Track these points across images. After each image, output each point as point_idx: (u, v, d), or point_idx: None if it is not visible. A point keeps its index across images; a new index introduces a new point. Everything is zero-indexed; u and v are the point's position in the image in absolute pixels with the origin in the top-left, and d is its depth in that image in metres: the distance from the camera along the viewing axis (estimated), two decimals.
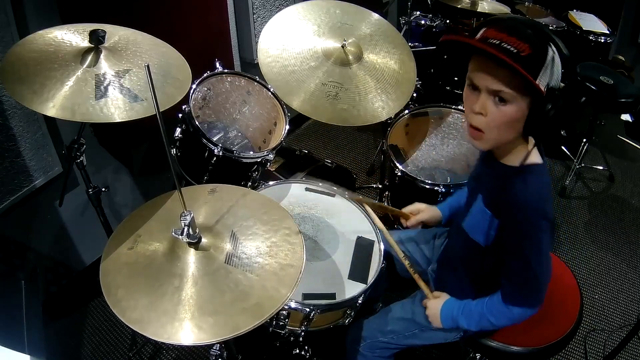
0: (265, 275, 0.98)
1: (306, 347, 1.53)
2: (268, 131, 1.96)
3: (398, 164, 1.85)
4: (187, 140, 1.70)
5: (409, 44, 2.07)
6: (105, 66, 1.25)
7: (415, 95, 2.16)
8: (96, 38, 1.25)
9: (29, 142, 1.67)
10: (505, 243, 1.14)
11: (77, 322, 2.03)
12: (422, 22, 3.03)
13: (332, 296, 1.35)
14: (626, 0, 3.60)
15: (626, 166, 3.18)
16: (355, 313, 1.41)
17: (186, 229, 0.96)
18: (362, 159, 3.05)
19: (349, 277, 1.41)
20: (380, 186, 2.52)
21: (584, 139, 2.93)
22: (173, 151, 1.73)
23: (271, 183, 1.68)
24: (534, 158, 1.11)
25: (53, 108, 1.13)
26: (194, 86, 1.69)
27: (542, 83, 0.97)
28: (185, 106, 1.63)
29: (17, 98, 1.13)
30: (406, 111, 2.03)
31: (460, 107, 2.06)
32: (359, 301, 1.37)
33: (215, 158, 1.62)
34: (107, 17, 1.39)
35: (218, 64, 1.80)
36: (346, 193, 1.59)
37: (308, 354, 1.53)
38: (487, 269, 1.25)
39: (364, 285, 1.38)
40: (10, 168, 1.64)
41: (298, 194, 1.66)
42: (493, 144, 1.08)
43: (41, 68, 1.19)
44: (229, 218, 1.09)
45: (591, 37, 3.08)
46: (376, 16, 1.82)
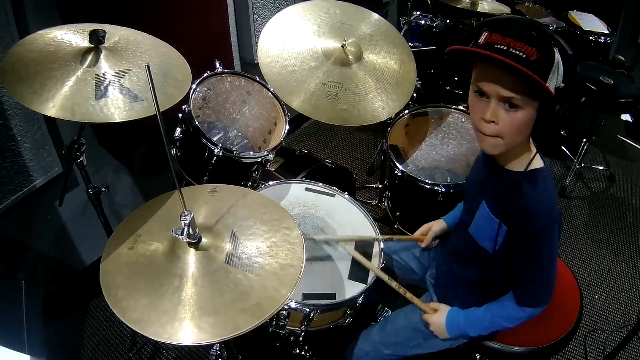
0: (265, 275, 0.98)
1: (306, 347, 1.53)
2: (268, 131, 1.96)
3: (398, 164, 1.85)
4: (187, 140, 1.70)
5: (409, 44, 2.07)
6: (105, 66, 1.25)
7: (415, 95, 2.16)
8: (96, 38, 1.25)
9: (29, 142, 1.67)
10: (516, 248, 1.13)
11: (77, 322, 2.03)
12: (422, 22, 3.04)
13: (332, 296, 1.35)
14: (626, 0, 3.60)
15: (626, 166, 3.18)
16: (355, 313, 1.41)
17: (186, 229, 0.96)
18: (362, 159, 3.05)
19: (349, 277, 1.41)
20: (380, 186, 2.52)
21: (584, 139, 2.93)
22: (173, 151, 1.73)
23: (271, 183, 1.68)
24: (537, 161, 1.10)
25: (53, 108, 1.13)
26: (194, 86, 1.68)
27: (552, 85, 0.96)
28: (185, 106, 1.63)
29: (17, 98, 1.13)
30: (406, 111, 2.03)
31: (460, 107, 2.06)
32: (359, 301, 1.37)
33: (215, 158, 1.61)
34: (107, 17, 1.39)
35: (218, 64, 1.80)
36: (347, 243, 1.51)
37: (308, 354, 1.53)
38: (495, 275, 1.25)
39: (364, 285, 1.38)
40: (10, 168, 1.64)
41: (298, 194, 1.66)
42: (504, 149, 1.06)
43: (41, 68, 1.19)
44: (229, 218, 1.09)
45: (591, 37, 3.08)
46: (376, 16, 1.82)
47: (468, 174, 1.39)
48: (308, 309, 1.30)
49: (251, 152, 1.74)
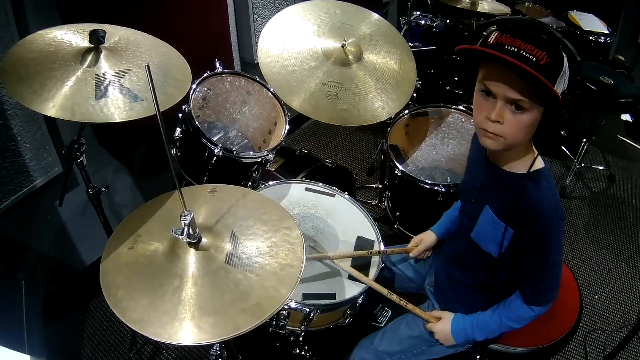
0: (265, 275, 0.98)
1: (306, 347, 1.53)
2: (268, 131, 1.96)
3: (398, 164, 1.85)
4: (187, 140, 1.70)
5: (409, 44, 2.07)
6: (105, 66, 1.25)
7: (415, 95, 2.15)
8: (96, 38, 1.24)
9: (29, 142, 1.67)
10: (524, 249, 1.13)
11: (77, 322, 2.03)
12: (422, 22, 3.04)
13: (332, 296, 1.35)
14: (626, 0, 3.60)
15: (626, 166, 3.18)
16: (355, 313, 1.41)
17: (186, 229, 0.96)
18: (362, 159, 3.05)
19: (349, 277, 1.41)
20: (380, 186, 2.52)
21: (584, 139, 2.93)
22: (173, 151, 1.73)
23: (271, 183, 1.68)
24: (539, 162, 1.10)
25: (53, 108, 1.13)
26: (194, 86, 1.68)
27: (559, 90, 0.96)
28: (185, 106, 1.63)
29: (17, 98, 1.13)
30: (406, 111, 2.03)
31: (460, 107, 2.06)
32: (359, 301, 1.37)
33: (215, 158, 1.61)
34: (107, 17, 1.39)
35: (218, 64, 1.80)
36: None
37: (308, 354, 1.53)
38: (498, 277, 1.24)
39: (364, 285, 1.38)
40: (10, 168, 1.64)
41: (298, 194, 1.66)
42: (504, 147, 1.06)
43: (41, 68, 1.19)
44: (229, 218, 1.09)
45: (591, 37, 3.08)
46: (376, 16, 1.82)
47: (463, 177, 1.37)
48: (308, 309, 1.30)
49: (251, 152, 1.74)
